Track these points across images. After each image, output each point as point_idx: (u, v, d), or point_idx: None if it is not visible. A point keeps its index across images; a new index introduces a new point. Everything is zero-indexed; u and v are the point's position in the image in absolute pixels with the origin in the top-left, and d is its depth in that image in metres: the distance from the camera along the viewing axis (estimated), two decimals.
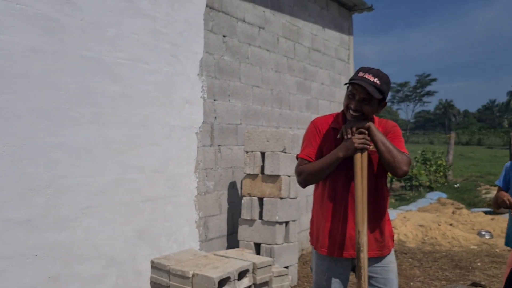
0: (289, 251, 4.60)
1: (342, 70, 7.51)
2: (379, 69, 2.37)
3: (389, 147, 2.28)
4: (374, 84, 2.28)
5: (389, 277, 2.48)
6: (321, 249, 2.50)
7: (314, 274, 2.64)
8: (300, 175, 2.47)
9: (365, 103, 2.32)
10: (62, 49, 3.30)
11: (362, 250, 2.25)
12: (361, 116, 2.34)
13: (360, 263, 2.25)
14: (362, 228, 2.26)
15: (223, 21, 4.82)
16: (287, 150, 4.49)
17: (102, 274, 3.55)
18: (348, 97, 2.39)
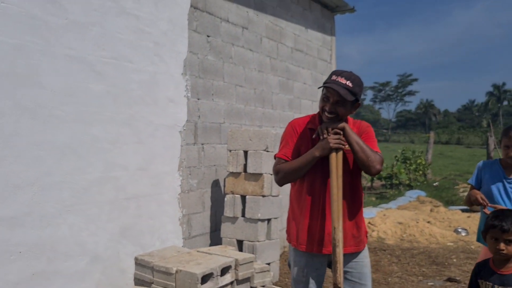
0: (271, 248, 4.69)
1: (324, 70, 7.63)
2: (351, 72, 2.51)
3: (363, 146, 2.41)
4: (346, 87, 2.40)
5: (364, 272, 2.59)
6: (300, 246, 2.60)
7: (292, 270, 2.73)
8: (278, 174, 2.59)
9: (339, 105, 2.44)
10: (47, 48, 3.32)
11: (337, 245, 2.35)
12: (336, 117, 2.45)
13: (336, 258, 2.35)
14: (337, 225, 2.36)
15: (207, 21, 4.88)
16: (269, 149, 4.57)
17: (86, 271, 3.58)
18: (323, 100, 2.51)
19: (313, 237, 2.55)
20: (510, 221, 2.37)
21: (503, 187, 3.34)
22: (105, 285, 3.73)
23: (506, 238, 2.36)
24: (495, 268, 2.44)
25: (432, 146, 18.36)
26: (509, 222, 2.37)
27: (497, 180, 3.37)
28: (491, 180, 3.39)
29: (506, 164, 3.37)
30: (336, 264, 2.36)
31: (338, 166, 2.42)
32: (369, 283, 2.61)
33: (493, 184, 3.37)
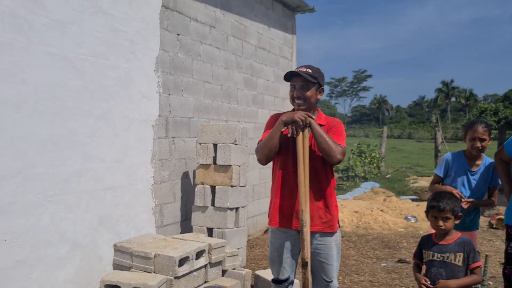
0: (238, 235, 5.00)
1: (286, 67, 7.99)
2: (310, 64, 2.93)
3: (325, 138, 2.72)
4: (307, 73, 2.82)
5: (331, 253, 2.88)
6: (272, 222, 2.93)
7: (268, 251, 3.05)
8: (257, 153, 2.90)
9: (304, 89, 2.83)
10: (29, 45, 3.48)
11: (305, 225, 2.68)
12: (304, 102, 2.82)
13: (304, 236, 2.68)
14: (305, 207, 2.68)
15: (177, 20, 5.11)
16: (237, 142, 4.87)
17: (66, 258, 3.78)
18: (291, 90, 2.92)
19: (283, 214, 2.88)
20: (445, 202, 2.82)
21: (467, 179, 3.66)
22: (85, 271, 3.93)
23: (444, 216, 2.80)
24: (436, 240, 2.89)
25: (385, 140, 19.20)
26: (444, 203, 2.82)
27: (462, 173, 3.67)
28: (457, 173, 3.67)
29: (470, 156, 3.66)
30: (303, 242, 2.69)
31: (304, 149, 2.71)
32: (335, 264, 2.91)
33: (459, 176, 3.66)
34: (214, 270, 4.11)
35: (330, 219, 2.88)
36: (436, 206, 2.84)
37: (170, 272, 3.63)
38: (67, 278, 3.78)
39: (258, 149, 2.89)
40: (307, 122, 2.72)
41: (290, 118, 2.72)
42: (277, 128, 2.78)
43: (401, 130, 61.59)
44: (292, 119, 2.72)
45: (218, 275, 4.17)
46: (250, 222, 6.64)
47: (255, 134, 6.85)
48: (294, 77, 2.86)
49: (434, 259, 2.84)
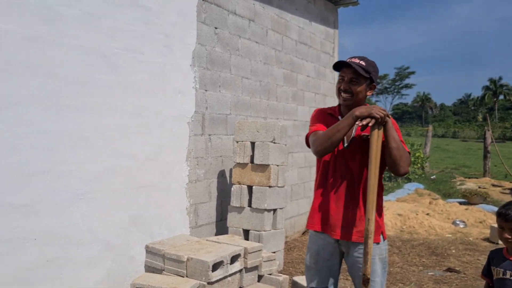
0: (276, 238, 4.77)
1: (327, 63, 7.68)
2: (365, 56, 2.58)
3: (399, 144, 2.40)
4: (359, 65, 2.48)
5: (373, 268, 2.55)
6: (313, 226, 2.65)
7: (306, 257, 2.80)
8: (315, 143, 2.53)
9: (353, 83, 2.50)
10: (60, 39, 3.36)
11: (370, 237, 2.35)
12: (351, 97, 2.51)
13: (367, 249, 2.35)
14: (371, 216, 2.35)
15: (215, 13, 4.92)
16: (276, 141, 4.64)
17: (98, 258, 3.65)
18: (338, 82, 2.58)
19: (325, 219, 2.60)
20: None
21: None
22: (116, 272, 3.80)
23: (510, 227, 2.41)
24: (507, 255, 2.48)
25: (430, 139, 18.47)
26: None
27: None
28: None
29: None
30: (367, 255, 2.35)
31: (377, 150, 2.38)
32: (378, 279, 2.57)
33: None
34: (249, 275, 3.89)
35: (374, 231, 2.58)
36: (503, 214, 2.43)
37: (203, 277, 3.44)
38: (98, 279, 3.66)
39: (317, 140, 2.52)
40: (385, 120, 2.40)
41: (368, 113, 2.36)
42: (346, 121, 2.41)
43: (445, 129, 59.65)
44: (370, 114, 2.36)
45: (253, 280, 3.96)
46: (288, 223, 6.40)
47: (295, 132, 6.59)
48: (344, 68, 2.53)
49: (507, 277, 2.43)
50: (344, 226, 2.55)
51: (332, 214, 2.58)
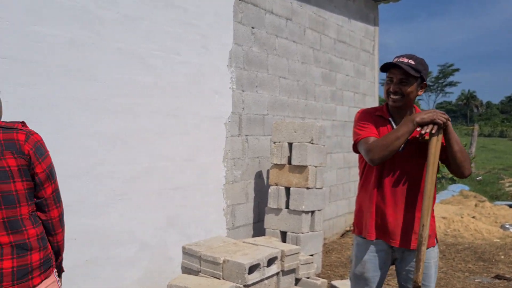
0: (314, 240, 4.68)
1: (367, 61, 7.50)
2: (414, 54, 2.42)
3: (462, 147, 2.31)
4: (409, 64, 2.33)
5: (428, 273, 2.44)
6: (369, 234, 2.49)
7: (352, 264, 2.64)
8: (371, 152, 2.39)
9: (403, 84, 2.36)
10: (99, 41, 3.40)
11: (423, 243, 2.25)
12: (401, 98, 2.37)
13: (420, 256, 2.25)
14: (426, 222, 2.25)
15: (252, 13, 4.88)
16: (314, 141, 4.55)
17: (135, 258, 3.68)
18: (386, 83, 2.42)
19: (379, 226, 2.46)
20: None
21: None
22: (153, 272, 3.82)
23: None
24: None
25: (476, 139, 17.82)
26: None
27: None
28: None
29: None
30: (419, 262, 2.25)
31: (436, 155, 2.29)
32: (433, 284, 2.47)
33: None
34: (286, 278, 3.83)
35: (429, 235, 2.41)
36: None
37: (240, 280, 3.40)
38: (136, 279, 3.69)
39: (372, 149, 2.38)
40: (446, 125, 2.29)
41: (430, 119, 2.27)
42: (406, 128, 2.31)
43: (492, 128, 57.39)
44: (433, 120, 2.26)
45: (291, 284, 3.89)
46: (326, 224, 6.28)
47: (333, 133, 6.47)
48: (392, 68, 2.40)
49: None
50: (403, 232, 2.42)
51: (390, 221, 2.43)
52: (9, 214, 1.67)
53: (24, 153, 1.71)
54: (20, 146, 1.71)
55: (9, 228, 1.66)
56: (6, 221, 1.66)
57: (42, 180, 1.78)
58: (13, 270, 1.63)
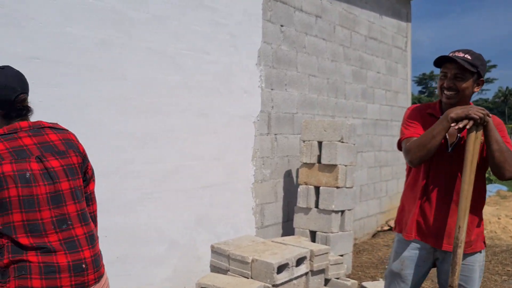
0: (344, 240, 4.61)
1: (399, 58, 7.35)
2: (470, 49, 2.31)
3: (502, 147, 2.18)
4: (465, 59, 2.22)
5: (472, 276, 2.37)
6: (407, 234, 2.43)
7: (390, 261, 2.59)
8: (409, 153, 2.34)
9: (458, 79, 2.25)
10: (129, 42, 3.44)
11: (460, 246, 2.17)
12: (456, 94, 2.26)
13: (456, 259, 2.17)
14: (462, 224, 2.16)
15: (281, 11, 4.84)
16: (344, 140, 4.48)
17: (164, 256, 3.71)
18: (440, 79, 2.32)
19: (421, 227, 2.39)
20: None
21: None
22: (182, 270, 3.85)
23: None
24: None
25: None
26: None
27: None
28: None
29: None
30: (455, 266, 2.18)
31: (474, 153, 2.18)
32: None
33: None
34: (315, 279, 3.78)
35: (475, 239, 2.36)
36: None
37: (268, 279, 3.38)
38: (165, 277, 3.72)
39: (410, 149, 2.33)
40: (485, 120, 2.18)
41: (465, 114, 2.16)
42: (441, 125, 2.22)
43: None
44: (468, 115, 2.16)
45: (320, 284, 3.84)
46: (357, 224, 6.18)
47: (364, 131, 6.36)
48: (446, 63, 2.28)
49: None
50: (447, 234, 2.34)
51: (433, 222, 2.36)
52: (82, 207, 1.79)
53: (81, 151, 1.85)
54: (77, 146, 1.85)
55: (82, 220, 1.76)
56: (80, 213, 1.77)
57: (90, 176, 1.94)
58: (92, 259, 1.74)
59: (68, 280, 1.65)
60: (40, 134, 1.74)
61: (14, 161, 1.62)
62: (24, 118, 1.77)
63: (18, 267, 1.61)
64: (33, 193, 1.63)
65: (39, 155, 1.69)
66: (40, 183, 1.65)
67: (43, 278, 1.62)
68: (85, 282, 1.70)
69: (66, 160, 1.75)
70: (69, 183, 1.74)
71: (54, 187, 1.68)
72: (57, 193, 1.69)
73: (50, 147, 1.73)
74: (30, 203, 1.62)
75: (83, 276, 1.69)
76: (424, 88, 42.02)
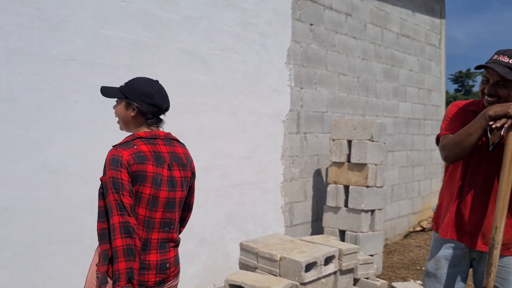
0: (374, 240, 4.57)
1: (433, 55, 7.21)
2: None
3: None
4: (508, 65, 2.14)
5: (509, 279, 2.30)
6: (442, 232, 2.38)
7: (427, 261, 2.54)
8: (444, 149, 2.30)
9: (500, 86, 2.18)
10: (161, 42, 3.52)
11: (496, 247, 2.11)
12: (497, 101, 2.19)
13: (492, 260, 2.12)
14: (500, 225, 2.10)
15: (310, 9, 4.84)
16: (374, 139, 4.44)
17: (194, 253, 3.78)
18: (482, 82, 2.26)
19: (459, 226, 2.33)
20: None
21: None
22: (211, 267, 3.91)
23: None
24: None
25: None
26: None
27: None
28: None
29: None
30: (490, 267, 2.12)
31: None
32: None
33: None
34: (344, 278, 3.77)
35: (509, 240, 2.30)
36: None
37: (296, 277, 3.40)
38: (194, 273, 3.79)
39: (446, 146, 2.29)
40: None
41: (504, 112, 2.10)
42: (478, 123, 2.17)
43: None
44: (507, 113, 2.09)
45: (349, 284, 3.83)
46: (388, 225, 6.11)
47: (396, 130, 6.28)
48: (489, 67, 2.19)
49: None
50: (482, 235, 2.30)
51: (470, 221, 2.31)
52: (179, 216, 2.03)
53: (193, 167, 2.07)
54: (191, 162, 2.06)
55: (177, 227, 2.02)
56: (178, 221, 2.02)
57: (193, 189, 2.17)
58: (174, 259, 1.97)
59: (153, 277, 1.85)
60: (171, 144, 1.98)
61: (155, 164, 1.83)
62: (159, 127, 2.02)
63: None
64: (158, 195, 1.83)
65: (169, 163, 1.90)
66: (164, 188, 1.86)
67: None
68: (165, 278, 1.90)
69: (185, 172, 1.96)
70: (181, 193, 1.95)
71: (172, 194, 1.90)
72: (172, 199, 1.90)
73: (177, 158, 1.95)
74: (154, 203, 1.82)
75: (165, 274, 1.89)
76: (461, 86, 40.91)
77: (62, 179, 2.97)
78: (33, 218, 2.84)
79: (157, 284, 1.87)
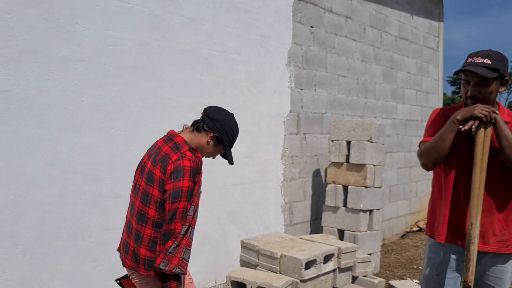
0: (372, 239, 4.66)
1: (431, 58, 7.31)
2: (489, 49, 2.30)
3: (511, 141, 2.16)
4: (485, 65, 2.21)
5: (503, 278, 2.33)
6: (439, 237, 2.40)
7: (424, 267, 2.55)
8: (422, 156, 2.37)
9: (481, 86, 2.24)
10: (165, 44, 3.60)
11: (472, 242, 2.16)
12: (481, 101, 2.25)
13: (469, 255, 2.17)
14: (475, 221, 2.16)
15: (311, 12, 4.92)
16: (373, 140, 4.53)
17: (197, 251, 3.85)
18: (463, 86, 2.32)
19: (451, 228, 2.36)
20: None
21: None
22: (213, 265, 3.99)
23: None
24: None
25: None
26: None
27: None
28: None
29: None
30: (469, 262, 2.17)
31: (484, 152, 2.19)
32: None
33: None
34: (343, 276, 3.86)
35: (507, 238, 2.32)
36: None
37: (296, 275, 3.48)
38: (197, 270, 3.86)
39: (423, 153, 2.36)
40: (491, 118, 2.19)
41: (469, 115, 2.18)
42: (449, 128, 2.25)
43: None
44: (472, 115, 2.18)
45: (347, 281, 3.91)
46: (386, 225, 6.21)
47: (394, 131, 6.37)
48: (467, 70, 2.24)
49: None
50: (484, 235, 2.31)
51: (464, 223, 2.32)
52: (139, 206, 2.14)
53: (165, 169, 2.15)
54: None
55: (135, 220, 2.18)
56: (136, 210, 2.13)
57: None
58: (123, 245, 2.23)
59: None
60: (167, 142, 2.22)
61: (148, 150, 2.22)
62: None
63: None
64: (134, 175, 2.22)
65: (151, 154, 2.18)
66: (138, 171, 2.21)
67: None
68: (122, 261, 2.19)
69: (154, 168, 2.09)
70: (144, 183, 2.11)
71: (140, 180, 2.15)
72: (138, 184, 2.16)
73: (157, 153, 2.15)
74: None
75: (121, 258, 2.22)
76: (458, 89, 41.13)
77: (70, 177, 3.04)
78: (42, 214, 2.91)
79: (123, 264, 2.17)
